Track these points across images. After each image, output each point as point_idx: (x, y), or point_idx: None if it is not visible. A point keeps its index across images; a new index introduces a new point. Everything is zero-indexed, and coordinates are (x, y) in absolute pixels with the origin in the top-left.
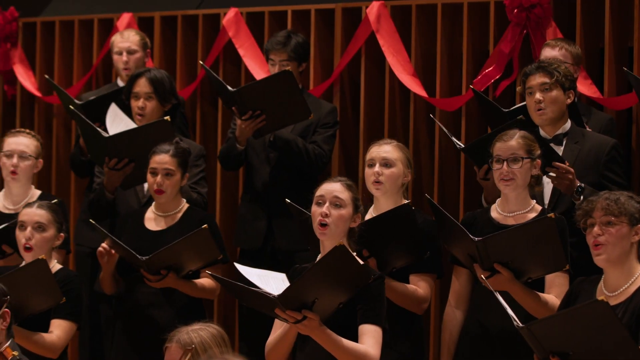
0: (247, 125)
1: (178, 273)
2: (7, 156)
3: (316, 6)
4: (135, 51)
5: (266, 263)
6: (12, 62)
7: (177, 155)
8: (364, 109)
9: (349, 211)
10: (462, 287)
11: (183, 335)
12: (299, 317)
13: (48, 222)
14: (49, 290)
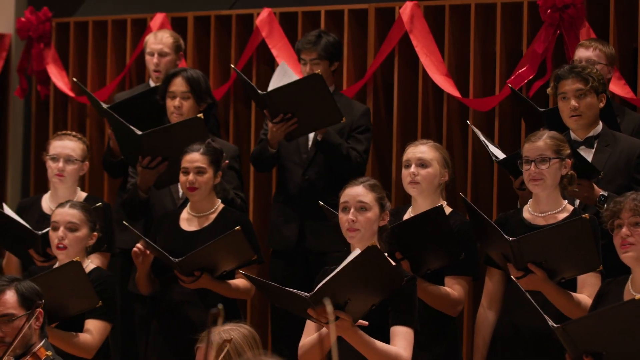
0: (279, 129)
1: (212, 274)
2: (52, 159)
3: (349, 6)
4: (167, 54)
5: (298, 264)
6: (45, 62)
7: (208, 153)
8: (397, 109)
9: (376, 212)
10: (495, 288)
11: (214, 335)
12: (331, 318)
13: (80, 221)
14: (85, 293)
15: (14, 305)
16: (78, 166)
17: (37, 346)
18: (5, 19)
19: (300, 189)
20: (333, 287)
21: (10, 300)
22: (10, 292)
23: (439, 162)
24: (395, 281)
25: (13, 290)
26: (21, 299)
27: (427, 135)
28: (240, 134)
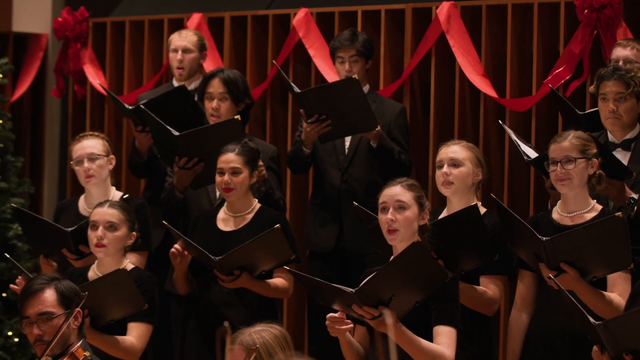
0: (312, 129)
1: (251, 273)
2: (77, 163)
3: (386, 6)
4: (191, 51)
5: (335, 265)
6: (82, 62)
7: (243, 153)
8: (434, 109)
9: (415, 211)
10: (526, 290)
11: (245, 337)
12: (375, 314)
13: (119, 221)
14: (131, 298)
15: (53, 303)
16: (104, 161)
17: (75, 346)
18: (42, 19)
19: (337, 191)
20: (378, 284)
21: (49, 299)
22: (50, 290)
23: (471, 161)
24: (439, 278)
25: (53, 289)
26: (60, 297)
27: (464, 135)
28: (277, 134)
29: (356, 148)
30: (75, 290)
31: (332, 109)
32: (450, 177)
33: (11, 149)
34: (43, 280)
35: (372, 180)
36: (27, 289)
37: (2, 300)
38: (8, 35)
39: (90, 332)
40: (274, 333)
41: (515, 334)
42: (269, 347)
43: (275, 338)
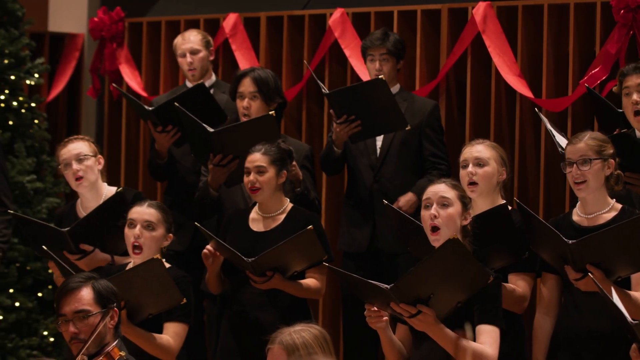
0: (342, 129)
1: (284, 274)
2: (66, 166)
3: (422, 7)
4: (199, 50)
5: (370, 265)
6: (118, 62)
7: (269, 153)
8: (469, 109)
9: (458, 209)
10: (550, 293)
11: (285, 336)
12: (412, 311)
13: (157, 221)
14: (167, 291)
15: (89, 302)
16: (92, 161)
17: (111, 346)
18: (78, 19)
19: (370, 191)
20: (415, 281)
21: (86, 297)
22: (87, 289)
23: (496, 160)
24: (480, 279)
25: (89, 287)
26: (97, 296)
27: (500, 136)
28: (312, 134)
29: (388, 148)
30: (112, 289)
31: (361, 109)
32: (475, 177)
33: (47, 149)
34: (80, 279)
35: (404, 179)
36: (64, 287)
37: (37, 300)
38: (44, 35)
39: (127, 325)
40: (314, 333)
41: (540, 338)
42: (308, 346)
43: (315, 338)
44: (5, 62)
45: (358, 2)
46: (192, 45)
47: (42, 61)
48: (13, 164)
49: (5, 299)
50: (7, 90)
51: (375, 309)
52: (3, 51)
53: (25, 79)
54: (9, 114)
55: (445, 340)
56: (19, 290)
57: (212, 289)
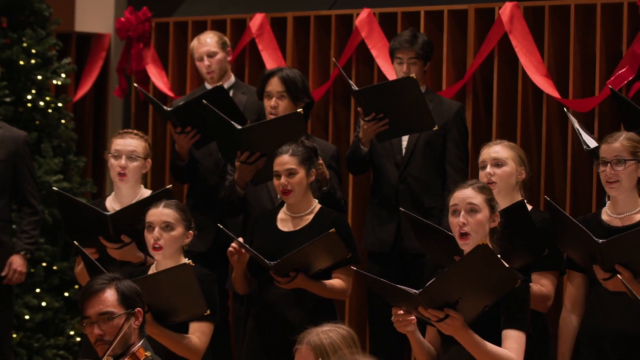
0: (370, 127)
1: (307, 272)
2: (114, 157)
3: (449, 7)
4: (215, 53)
5: (395, 265)
6: (144, 62)
7: (297, 153)
8: (496, 110)
9: (486, 214)
10: (577, 291)
11: (313, 336)
12: (440, 316)
13: (175, 221)
14: (194, 299)
15: (113, 303)
16: (141, 163)
17: (136, 346)
18: (104, 19)
19: (395, 191)
20: (443, 286)
21: (110, 299)
22: (111, 290)
23: (514, 160)
24: (508, 282)
25: (113, 289)
26: (121, 297)
27: (527, 136)
28: (339, 134)
29: (413, 147)
30: (136, 289)
31: (389, 108)
32: (493, 177)
33: (73, 149)
34: (103, 280)
35: (430, 179)
36: (88, 289)
37: (64, 299)
38: (71, 35)
39: (153, 325)
40: (342, 333)
41: (566, 336)
42: (336, 347)
43: (342, 338)
44: (32, 62)
45: (385, 2)
46: (209, 48)
47: (69, 61)
48: (40, 164)
49: (32, 299)
50: (34, 90)
51: (402, 312)
52: (30, 51)
53: (52, 79)
54: (36, 113)
55: (472, 345)
56: (46, 290)
57: (239, 289)
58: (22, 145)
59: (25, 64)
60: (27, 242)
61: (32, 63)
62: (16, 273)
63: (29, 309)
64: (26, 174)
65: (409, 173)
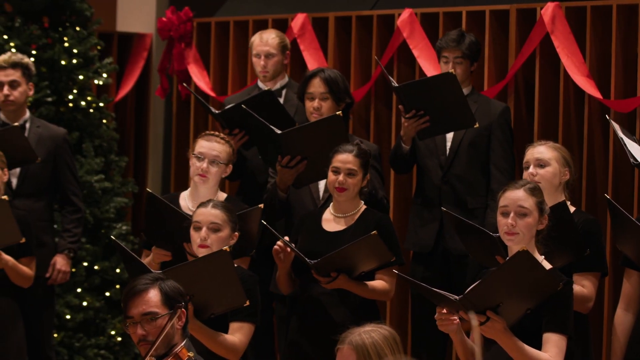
0: (410, 124)
1: (350, 274)
2: (197, 158)
3: (491, 7)
4: (273, 55)
5: (438, 266)
6: (186, 62)
7: (360, 156)
8: (538, 110)
9: (535, 217)
10: (633, 290)
11: (355, 337)
12: (482, 319)
13: (223, 222)
14: (232, 289)
15: (157, 304)
16: (222, 169)
17: (179, 346)
18: (146, 18)
19: (438, 191)
20: (484, 292)
21: (153, 299)
22: (154, 290)
23: (558, 161)
24: (550, 286)
25: (157, 289)
26: (164, 297)
27: (568, 136)
28: (380, 134)
29: (457, 148)
30: (179, 289)
31: (429, 104)
32: (536, 177)
33: (115, 149)
34: (147, 280)
35: (473, 179)
36: (131, 288)
37: (105, 299)
38: (112, 35)
39: (193, 322)
40: (384, 334)
41: (620, 334)
42: (378, 347)
43: (384, 339)
44: (73, 62)
45: (427, 2)
46: (269, 49)
47: (111, 61)
48: (81, 164)
49: (73, 298)
50: (75, 90)
51: (445, 311)
52: (71, 51)
53: (94, 79)
54: (78, 113)
55: (513, 348)
56: (87, 290)
57: (283, 289)
58: (62, 143)
59: (67, 63)
60: (70, 240)
61: (73, 63)
62: (60, 273)
63: (70, 309)
64: (67, 172)
65: (452, 173)
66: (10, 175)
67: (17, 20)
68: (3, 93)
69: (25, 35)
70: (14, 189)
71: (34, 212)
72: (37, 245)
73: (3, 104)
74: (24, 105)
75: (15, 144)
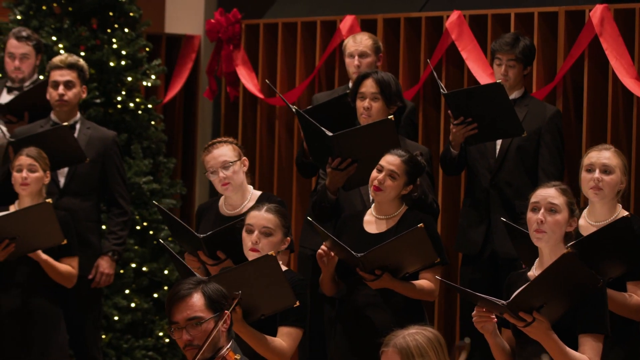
0: (458, 131)
1: (395, 274)
2: (212, 173)
3: (539, 9)
4: (368, 55)
5: (487, 268)
6: (235, 63)
7: (409, 163)
8: (587, 112)
9: (565, 216)
10: None
11: (399, 339)
12: (528, 319)
13: (275, 226)
14: (280, 290)
15: (201, 308)
16: (237, 166)
17: (225, 349)
18: (194, 20)
19: (487, 194)
20: (529, 295)
21: (197, 304)
22: (197, 294)
23: (620, 169)
24: (592, 284)
25: (200, 293)
26: (208, 301)
27: (617, 139)
28: (429, 136)
29: (506, 152)
30: (223, 292)
31: (477, 112)
32: (601, 183)
33: (163, 150)
34: (190, 285)
35: (522, 184)
36: (175, 294)
37: (153, 301)
38: (161, 36)
39: (241, 324)
40: (428, 336)
41: None
42: (422, 350)
43: (429, 341)
44: (122, 64)
45: (475, 4)
46: (363, 49)
47: (159, 62)
48: (130, 166)
49: (121, 300)
50: (124, 92)
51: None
52: (120, 53)
53: (142, 81)
54: (126, 115)
55: (555, 350)
56: (135, 291)
57: (325, 291)
58: (111, 145)
59: (115, 65)
60: (114, 242)
61: (122, 64)
62: (103, 276)
63: (118, 310)
64: (115, 174)
65: (500, 177)
66: (58, 174)
67: (66, 21)
68: (58, 92)
69: (74, 37)
70: (62, 188)
71: (81, 211)
72: (83, 246)
73: (57, 103)
74: (76, 106)
75: (64, 143)
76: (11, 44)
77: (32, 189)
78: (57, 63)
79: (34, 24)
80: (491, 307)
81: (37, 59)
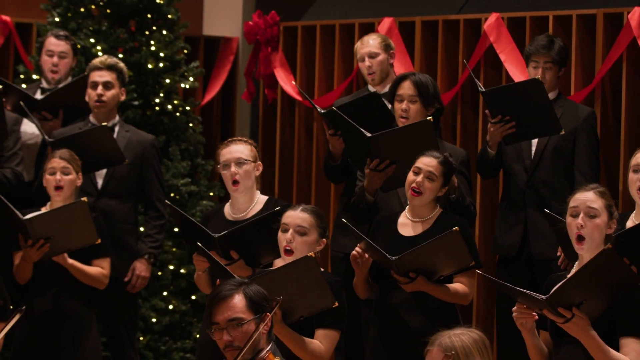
0: (496, 129)
1: (430, 277)
2: (225, 167)
3: (577, 11)
4: (377, 54)
5: (523, 270)
6: (273, 66)
7: (445, 164)
8: (625, 115)
9: (604, 219)
10: None
11: (445, 339)
12: (568, 315)
13: (310, 226)
14: (319, 292)
15: (242, 309)
16: (251, 167)
17: (265, 351)
18: (233, 22)
19: (523, 195)
20: (568, 290)
21: (238, 305)
22: (239, 296)
23: None
24: (632, 282)
25: (241, 294)
26: (249, 303)
27: None
28: (467, 139)
29: (542, 152)
30: (264, 294)
31: (515, 110)
32: None
33: (201, 152)
34: (232, 286)
35: (558, 184)
36: (216, 294)
37: (191, 303)
38: (199, 38)
39: (280, 326)
40: (474, 337)
41: None
42: (467, 350)
43: (474, 342)
44: (160, 66)
45: (513, 6)
46: (371, 49)
47: (197, 65)
48: (168, 167)
49: (159, 302)
50: (162, 94)
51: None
52: (158, 55)
53: (180, 83)
54: (164, 117)
55: (595, 348)
56: (173, 293)
57: (359, 293)
58: (149, 149)
59: (153, 67)
60: (151, 245)
61: (160, 66)
62: (139, 279)
63: (156, 312)
64: (153, 177)
65: (537, 178)
66: (97, 175)
67: (104, 23)
68: (96, 93)
69: (112, 39)
70: (99, 189)
71: (118, 213)
72: (120, 248)
73: (95, 104)
74: (115, 108)
75: (103, 144)
76: (50, 41)
77: (66, 193)
78: (96, 64)
79: (72, 25)
80: (531, 303)
81: (73, 60)
